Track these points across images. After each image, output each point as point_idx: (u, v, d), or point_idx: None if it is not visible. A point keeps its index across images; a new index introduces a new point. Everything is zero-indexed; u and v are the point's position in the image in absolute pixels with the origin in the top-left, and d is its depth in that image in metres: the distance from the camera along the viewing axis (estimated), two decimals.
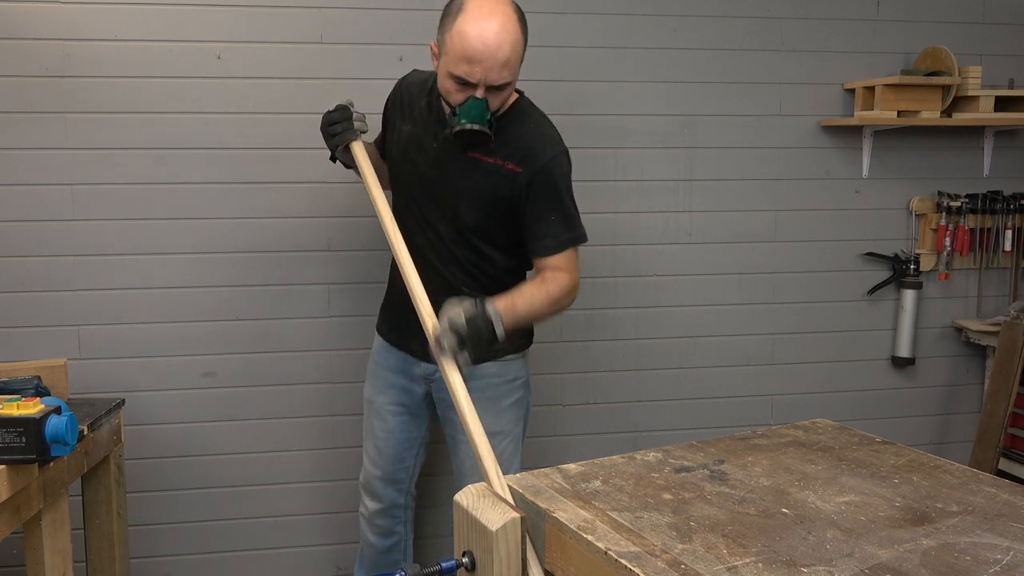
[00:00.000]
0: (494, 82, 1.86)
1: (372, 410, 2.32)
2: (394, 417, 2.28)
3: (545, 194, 2.01)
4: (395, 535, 2.39)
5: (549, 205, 2.01)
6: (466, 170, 2.02)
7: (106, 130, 2.51)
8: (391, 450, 2.30)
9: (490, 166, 2.01)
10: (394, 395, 2.27)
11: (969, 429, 3.14)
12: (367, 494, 2.37)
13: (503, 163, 2.01)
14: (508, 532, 1.19)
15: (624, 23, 2.76)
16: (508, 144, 2.00)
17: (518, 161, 2.00)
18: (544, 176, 2.00)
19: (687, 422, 2.94)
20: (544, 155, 2.01)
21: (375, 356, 2.33)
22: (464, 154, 2.01)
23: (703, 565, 1.03)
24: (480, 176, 2.02)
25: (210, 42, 2.53)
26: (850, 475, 1.33)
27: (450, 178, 2.04)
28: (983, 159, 3.06)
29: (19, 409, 1.73)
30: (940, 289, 3.08)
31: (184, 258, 2.58)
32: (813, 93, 2.92)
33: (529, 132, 2.03)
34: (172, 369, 2.61)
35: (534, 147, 2.01)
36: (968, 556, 1.05)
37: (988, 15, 3.00)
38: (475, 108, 1.87)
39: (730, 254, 2.92)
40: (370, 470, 2.34)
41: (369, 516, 2.36)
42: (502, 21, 1.84)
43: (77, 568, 2.21)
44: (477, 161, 2.01)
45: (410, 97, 2.13)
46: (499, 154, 2.00)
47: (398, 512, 2.38)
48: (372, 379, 2.32)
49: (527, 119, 2.05)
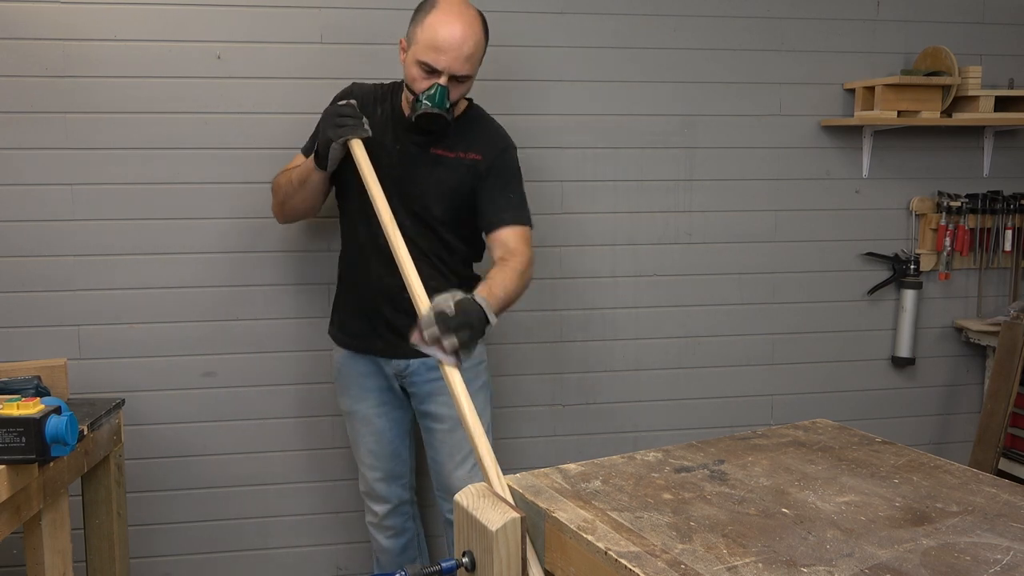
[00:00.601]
0: (457, 72, 2.06)
1: (356, 420, 2.37)
2: (379, 419, 2.34)
3: (504, 176, 2.22)
4: (407, 532, 2.45)
5: (508, 185, 2.22)
6: (430, 166, 2.18)
7: (106, 130, 2.51)
8: (386, 449, 2.36)
9: (452, 160, 2.20)
10: (374, 398, 2.33)
11: (969, 429, 3.14)
12: (372, 500, 2.40)
13: (464, 155, 2.20)
14: (508, 532, 1.19)
15: (624, 23, 2.76)
16: (466, 138, 2.21)
17: (478, 151, 2.20)
18: (503, 161, 2.23)
19: (687, 422, 2.94)
20: (502, 144, 2.25)
21: (341, 368, 2.37)
22: (427, 151, 2.17)
23: (703, 565, 1.03)
24: (444, 170, 2.19)
25: (210, 42, 2.53)
26: (850, 475, 1.33)
27: (416, 175, 2.18)
28: (983, 159, 3.06)
29: (19, 409, 1.73)
30: (940, 289, 3.08)
31: (184, 258, 2.58)
32: (813, 93, 2.92)
33: (485, 127, 2.27)
34: (172, 369, 2.61)
35: (492, 138, 2.25)
36: (968, 556, 1.05)
37: (988, 15, 3.00)
38: (438, 93, 2.05)
39: (730, 254, 2.92)
40: (369, 475, 2.38)
41: (379, 521, 2.41)
42: (469, 20, 2.08)
43: (77, 568, 2.21)
44: (439, 157, 2.19)
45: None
46: (459, 148, 2.20)
47: (406, 508, 2.44)
48: (346, 391, 2.37)
49: (481, 119, 2.29)
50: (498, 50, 2.69)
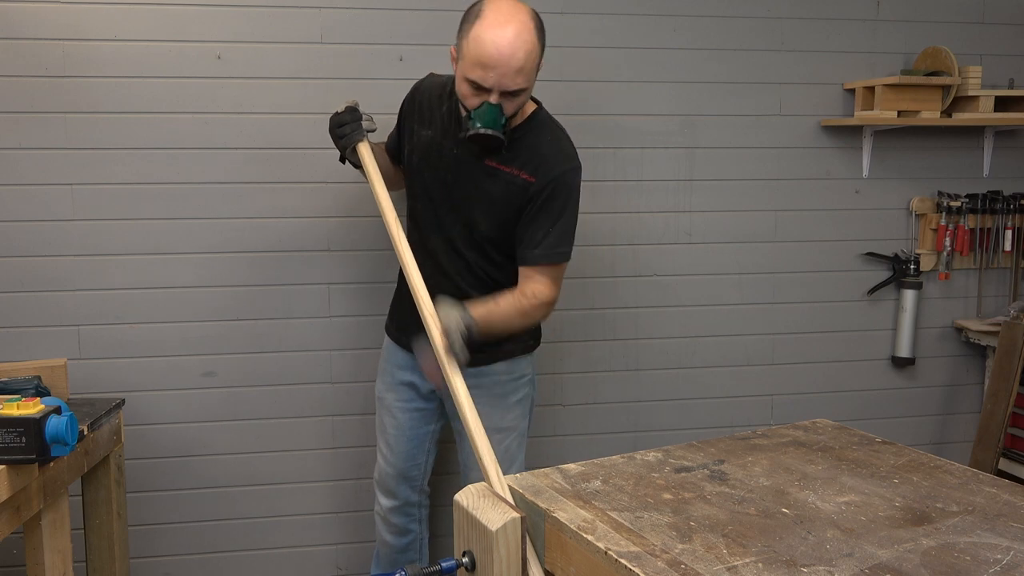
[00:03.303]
0: (507, 88, 1.88)
1: (383, 407, 2.34)
2: (403, 414, 2.31)
3: (551, 205, 2.03)
4: (411, 533, 2.42)
5: (552, 217, 2.04)
6: (482, 178, 2.05)
7: (106, 130, 2.51)
8: (402, 447, 2.32)
9: (505, 175, 2.04)
10: (403, 392, 2.30)
11: (969, 429, 3.14)
12: (381, 491, 2.38)
13: (518, 172, 2.03)
14: (508, 532, 1.19)
15: (624, 23, 2.76)
16: (524, 154, 2.03)
17: (532, 171, 2.02)
18: (555, 188, 2.03)
19: (687, 422, 2.94)
20: (558, 167, 2.03)
21: (384, 353, 2.36)
22: (481, 162, 2.03)
23: (703, 565, 1.03)
24: (495, 184, 2.05)
25: (210, 42, 2.53)
26: (850, 475, 1.33)
27: (467, 185, 2.07)
28: (983, 159, 3.06)
29: (19, 409, 1.73)
30: (940, 289, 3.08)
31: (184, 258, 2.58)
32: (813, 93, 2.92)
33: (546, 144, 2.06)
34: (172, 369, 2.61)
35: (549, 159, 2.03)
36: (968, 556, 1.05)
37: (988, 15, 3.00)
38: (489, 113, 1.89)
39: (730, 254, 2.92)
40: (384, 467, 2.36)
41: (384, 514, 2.39)
42: (518, 29, 1.86)
43: (77, 568, 2.21)
44: (493, 169, 2.04)
45: (428, 102, 2.14)
46: (515, 163, 2.03)
47: (412, 510, 2.41)
48: (382, 376, 2.35)
49: (545, 131, 2.08)
50: None
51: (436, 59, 2.63)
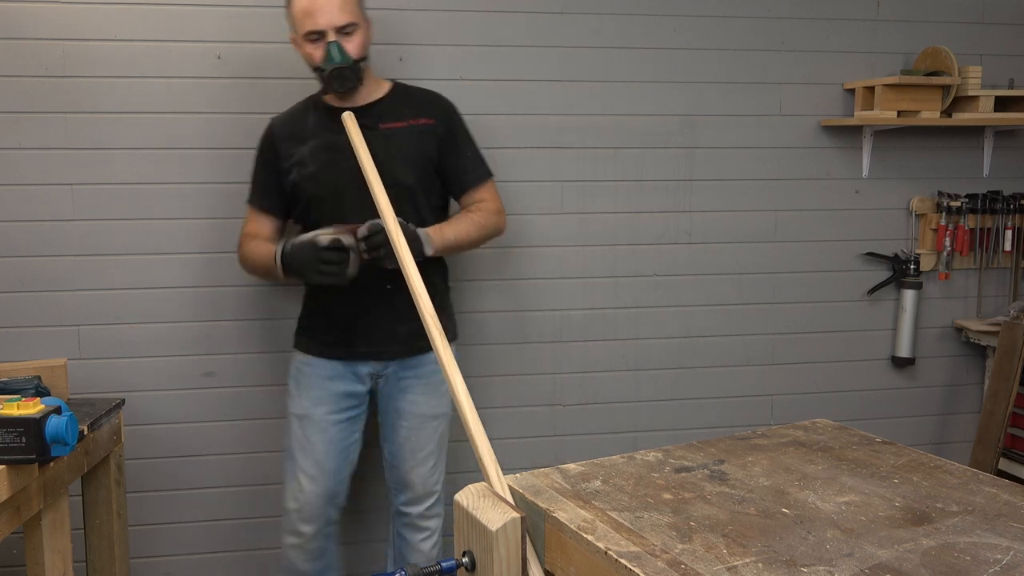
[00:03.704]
0: (337, 23, 2.08)
1: (309, 424, 2.28)
2: (334, 426, 2.29)
3: (458, 135, 2.31)
4: (328, 553, 2.35)
5: (464, 144, 2.32)
6: (387, 141, 2.21)
7: (106, 130, 2.51)
8: (332, 463, 2.29)
9: (405, 129, 2.24)
10: (335, 402, 2.29)
11: (969, 429, 3.13)
12: (301, 521, 2.28)
13: (415, 121, 2.24)
14: (508, 532, 1.19)
15: (623, 23, 2.76)
16: (410, 106, 2.26)
17: (427, 115, 2.26)
18: (454, 120, 2.32)
19: (687, 422, 2.94)
20: (447, 106, 2.32)
21: (303, 370, 2.31)
22: (377, 130, 2.18)
23: (703, 565, 1.03)
24: (401, 139, 2.22)
25: (210, 42, 2.53)
26: (850, 475, 1.33)
27: (375, 153, 2.13)
28: (983, 159, 3.06)
29: (19, 409, 1.73)
30: (940, 289, 3.08)
31: (184, 258, 2.58)
32: (813, 93, 2.92)
33: (424, 94, 2.33)
34: (172, 369, 2.61)
35: (436, 102, 2.32)
36: (968, 556, 1.05)
37: (988, 15, 3.00)
38: (333, 50, 2.08)
39: (730, 254, 2.92)
40: (307, 494, 2.27)
41: (303, 543, 2.29)
42: None
43: (77, 568, 2.21)
44: (392, 130, 2.23)
45: (292, 127, 2.28)
46: (407, 116, 2.24)
47: (330, 528, 2.35)
48: (305, 393, 2.29)
49: (416, 89, 2.34)
50: (498, 50, 2.69)
51: (436, 59, 2.63)
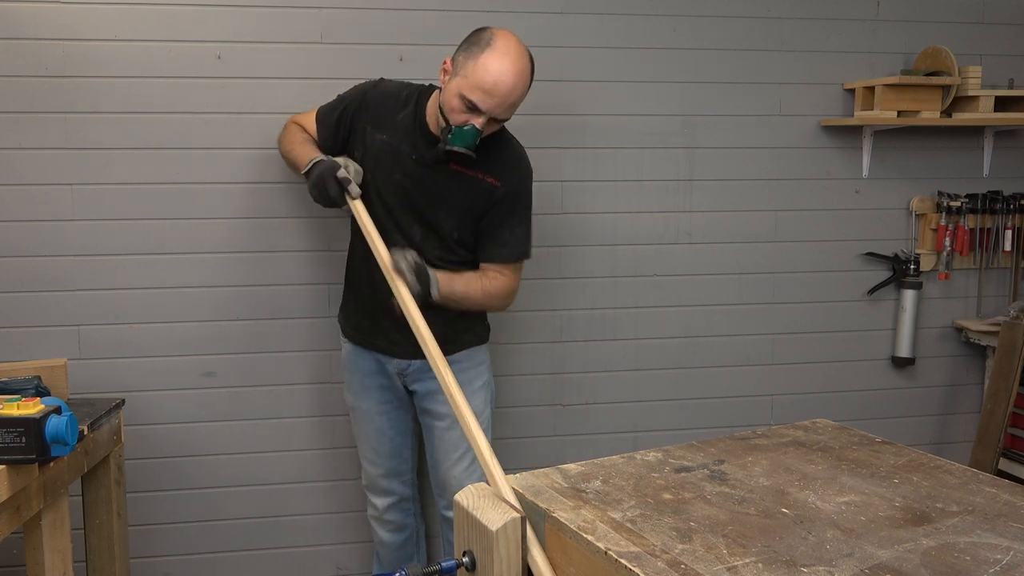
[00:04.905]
0: (498, 116, 2.05)
1: (358, 416, 2.41)
2: (380, 416, 2.38)
3: (516, 207, 2.22)
4: (407, 528, 2.49)
5: (517, 217, 2.22)
6: (447, 182, 2.16)
7: (106, 130, 2.51)
8: (387, 446, 2.40)
9: (471, 179, 2.17)
10: (376, 395, 2.37)
11: (969, 429, 3.13)
12: (374, 493, 2.44)
13: (483, 176, 2.18)
14: (508, 532, 1.19)
15: (623, 23, 2.76)
16: (489, 160, 2.16)
17: (497, 175, 2.18)
18: (519, 191, 2.22)
19: (687, 422, 2.94)
20: (520, 173, 2.23)
21: (347, 363, 2.41)
22: (446, 166, 2.14)
23: (703, 565, 1.03)
24: (461, 188, 2.18)
25: (210, 42, 2.53)
26: (850, 475, 1.33)
27: (430, 188, 2.17)
28: (983, 159, 3.06)
29: (19, 409, 1.73)
30: (940, 289, 3.08)
31: (184, 258, 2.58)
32: (813, 93, 2.92)
33: (508, 151, 2.23)
34: (172, 369, 2.61)
35: (512, 165, 2.22)
36: (968, 556, 1.05)
37: (988, 15, 3.00)
38: (470, 135, 2.03)
39: (730, 254, 2.92)
40: (371, 470, 2.42)
41: (380, 514, 2.45)
42: (522, 68, 2.03)
43: (77, 568, 2.20)
44: (458, 174, 2.16)
45: (384, 107, 2.23)
46: (480, 168, 2.16)
47: (407, 504, 2.48)
48: (350, 386, 2.42)
49: (506, 139, 2.24)
50: None
51: (436, 59, 2.62)
